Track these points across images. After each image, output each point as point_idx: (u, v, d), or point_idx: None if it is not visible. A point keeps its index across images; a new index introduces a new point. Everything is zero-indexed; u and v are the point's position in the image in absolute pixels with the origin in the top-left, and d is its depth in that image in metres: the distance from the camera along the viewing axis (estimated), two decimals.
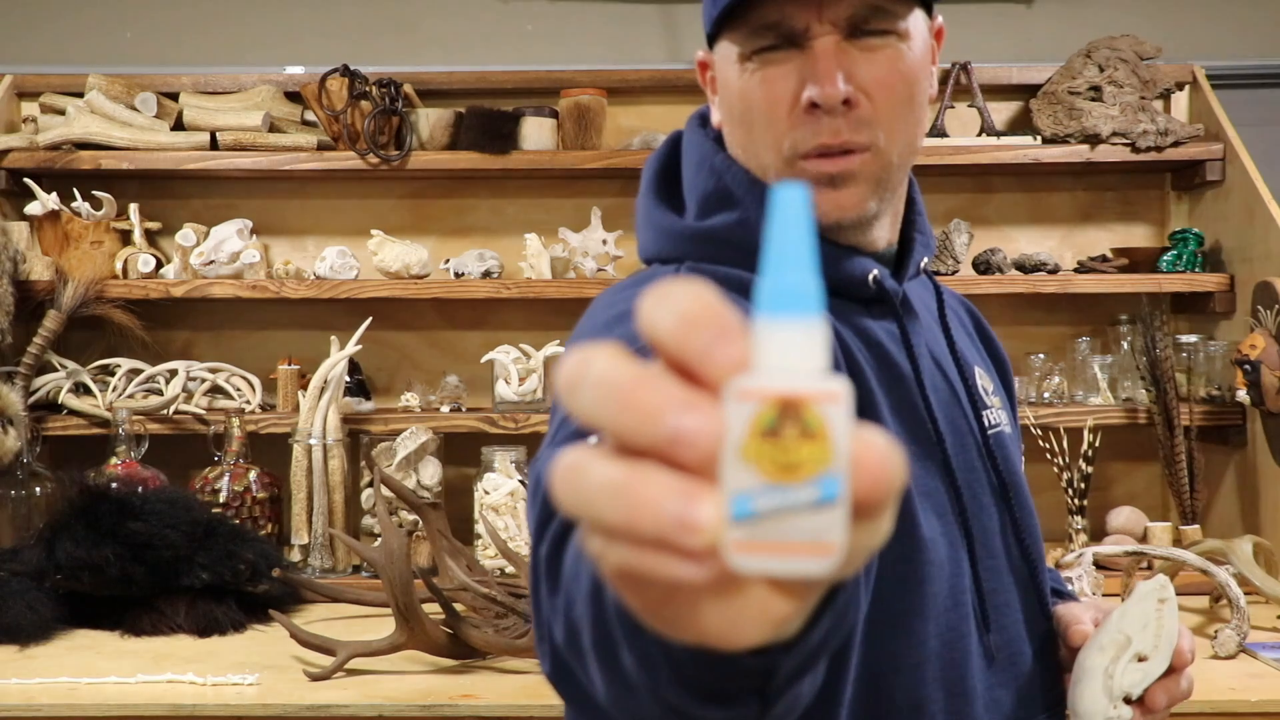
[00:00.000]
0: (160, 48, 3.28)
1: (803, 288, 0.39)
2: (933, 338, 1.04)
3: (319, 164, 2.39)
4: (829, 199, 0.95)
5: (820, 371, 0.38)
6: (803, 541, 0.38)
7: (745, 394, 0.38)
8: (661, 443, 0.38)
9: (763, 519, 0.37)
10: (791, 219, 0.39)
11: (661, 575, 0.38)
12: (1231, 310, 2.39)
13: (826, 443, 0.37)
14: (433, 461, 2.30)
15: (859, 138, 0.93)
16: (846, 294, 0.99)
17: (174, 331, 2.53)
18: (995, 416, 1.05)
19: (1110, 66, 2.47)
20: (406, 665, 1.74)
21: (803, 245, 0.39)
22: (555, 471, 0.40)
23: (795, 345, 0.38)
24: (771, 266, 0.39)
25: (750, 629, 0.42)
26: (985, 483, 1.01)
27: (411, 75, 2.46)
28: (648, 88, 2.55)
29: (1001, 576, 1.00)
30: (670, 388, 0.38)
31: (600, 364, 0.39)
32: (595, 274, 2.42)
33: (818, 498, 0.38)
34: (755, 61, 0.95)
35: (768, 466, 0.37)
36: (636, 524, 0.38)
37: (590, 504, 0.38)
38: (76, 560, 1.88)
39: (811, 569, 0.38)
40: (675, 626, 0.42)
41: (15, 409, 2.20)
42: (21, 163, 2.39)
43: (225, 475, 2.22)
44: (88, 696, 1.64)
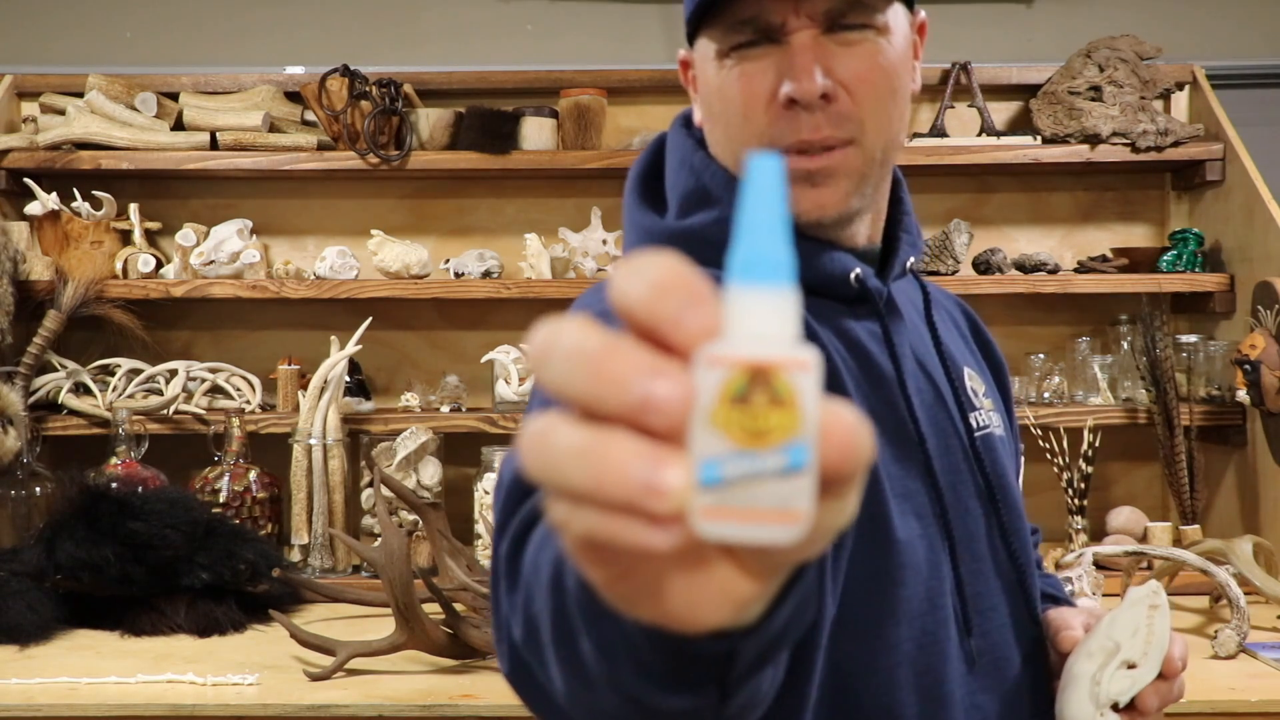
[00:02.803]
0: (160, 48, 3.28)
1: (774, 256, 0.39)
2: (918, 338, 1.02)
3: (319, 164, 2.39)
4: (809, 197, 0.94)
5: (791, 340, 0.38)
6: (770, 509, 0.38)
7: (715, 361, 0.38)
8: (631, 408, 0.38)
9: (731, 485, 0.37)
10: (764, 188, 0.39)
11: (627, 542, 0.38)
12: (1231, 310, 2.39)
13: (795, 410, 0.38)
14: (433, 461, 2.30)
15: (839, 133, 0.92)
16: (827, 293, 0.98)
17: (174, 331, 2.53)
18: (984, 418, 1.04)
19: (1110, 66, 2.47)
20: (406, 665, 1.74)
21: (775, 214, 0.39)
22: (523, 437, 0.39)
23: (766, 313, 0.38)
24: (744, 235, 0.39)
25: (712, 608, 0.41)
26: (971, 485, 1.00)
27: (411, 75, 2.46)
28: (648, 88, 2.55)
29: (986, 580, 0.99)
30: (641, 354, 0.38)
31: (570, 333, 0.39)
32: (595, 274, 2.41)
33: (786, 465, 0.38)
34: (733, 58, 0.94)
35: (736, 433, 0.37)
36: (604, 487, 0.37)
37: (557, 468, 0.38)
38: (76, 560, 1.88)
39: (778, 536, 0.38)
40: (636, 603, 0.42)
41: (15, 409, 2.20)
42: (21, 163, 2.39)
43: (225, 475, 2.22)
44: (88, 696, 1.64)
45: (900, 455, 0.95)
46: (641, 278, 0.39)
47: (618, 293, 0.39)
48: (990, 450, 1.02)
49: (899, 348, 0.98)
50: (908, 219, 1.05)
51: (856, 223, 0.98)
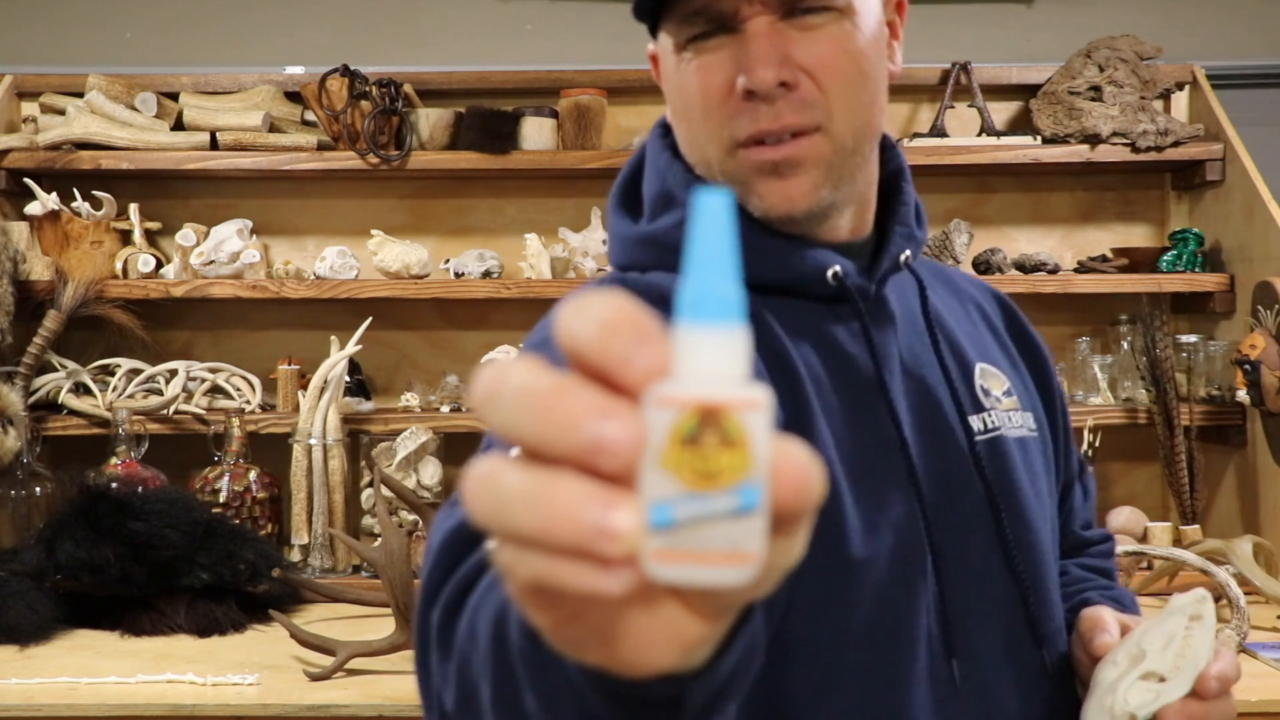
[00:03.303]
0: (160, 48, 3.28)
1: (724, 295, 0.38)
2: (915, 337, 0.97)
3: (319, 164, 2.39)
4: (776, 190, 0.89)
5: (741, 379, 0.38)
6: (721, 550, 0.37)
7: (665, 401, 0.37)
8: (581, 450, 0.36)
9: (682, 527, 0.37)
10: (713, 225, 0.38)
11: (576, 587, 0.37)
12: (1231, 310, 2.39)
13: (746, 451, 0.37)
14: (433, 461, 2.30)
15: (801, 120, 0.88)
16: (804, 292, 0.93)
17: (174, 331, 2.53)
18: (996, 419, 0.97)
19: (1110, 66, 2.47)
20: (406, 665, 1.74)
21: (724, 252, 0.38)
22: (468, 480, 0.38)
23: (716, 352, 0.38)
24: (693, 273, 0.38)
25: (660, 650, 0.40)
26: (969, 493, 0.93)
27: (411, 75, 2.46)
28: (648, 88, 2.55)
29: (979, 598, 0.92)
30: (590, 395, 0.37)
31: (518, 375, 0.37)
32: (595, 274, 2.42)
33: (737, 506, 0.37)
34: (690, 50, 0.90)
35: (687, 474, 0.37)
36: (552, 531, 0.36)
37: (504, 511, 0.37)
38: (76, 560, 1.88)
39: (730, 578, 0.37)
40: (584, 647, 0.41)
41: (15, 409, 2.20)
42: (21, 163, 2.39)
43: (225, 475, 2.22)
44: (88, 696, 1.64)
45: (879, 464, 0.90)
46: (588, 316, 0.38)
47: (564, 332, 0.38)
48: (998, 455, 0.95)
49: (882, 348, 0.93)
50: (904, 210, 0.99)
51: (835, 215, 0.93)
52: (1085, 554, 1.13)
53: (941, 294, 1.04)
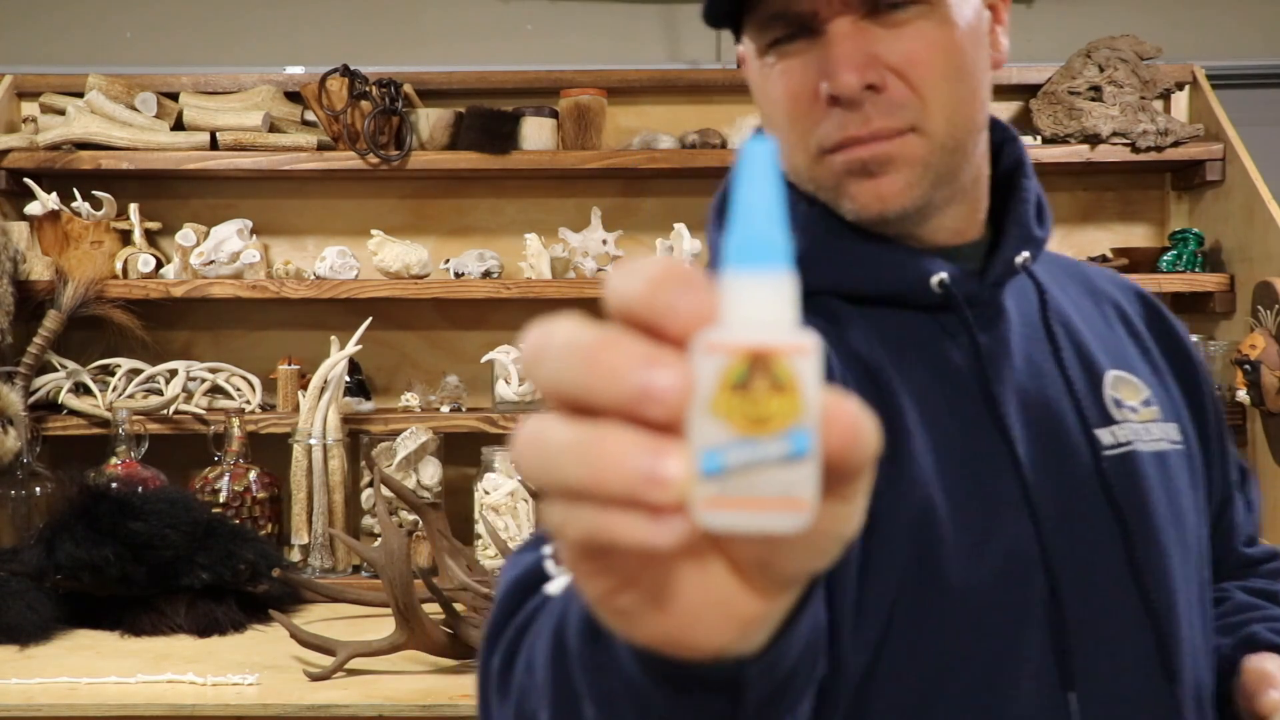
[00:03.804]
0: (160, 48, 3.28)
1: (769, 240, 0.38)
2: (1034, 345, 0.89)
3: (319, 164, 2.39)
4: (867, 189, 0.84)
5: (790, 324, 0.37)
6: (773, 496, 0.37)
7: (714, 348, 0.37)
8: (629, 400, 0.36)
9: (733, 473, 0.36)
10: (757, 172, 0.38)
11: (628, 538, 0.37)
12: (1231, 310, 2.39)
13: (797, 396, 0.36)
14: (433, 461, 2.30)
15: (892, 122, 0.83)
16: (906, 301, 0.87)
17: (174, 331, 2.53)
18: (1130, 432, 0.89)
19: (1110, 66, 2.47)
20: (406, 665, 1.74)
21: (769, 198, 0.38)
22: (517, 439, 0.38)
23: (763, 298, 0.37)
24: (738, 219, 0.38)
25: (715, 626, 0.40)
26: (1093, 514, 0.86)
27: (411, 75, 2.46)
28: (648, 88, 2.55)
29: (1103, 627, 0.84)
30: (637, 345, 0.37)
31: (563, 330, 0.38)
32: (595, 274, 2.42)
33: (789, 451, 0.36)
34: (773, 55, 0.86)
35: (738, 420, 0.36)
36: (603, 481, 0.36)
37: (553, 465, 0.37)
38: (76, 560, 1.88)
39: (782, 524, 0.37)
40: (637, 617, 0.40)
41: (15, 409, 2.20)
42: (21, 163, 2.39)
43: (225, 475, 2.22)
44: (88, 696, 1.64)
45: (987, 484, 0.84)
46: (634, 274, 0.38)
47: (611, 291, 0.38)
48: (1129, 471, 0.88)
49: (993, 360, 0.86)
50: (1022, 208, 0.91)
51: (937, 216, 0.88)
52: (1251, 574, 1.05)
53: (1073, 295, 0.97)
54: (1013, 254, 0.89)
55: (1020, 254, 0.90)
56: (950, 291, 0.87)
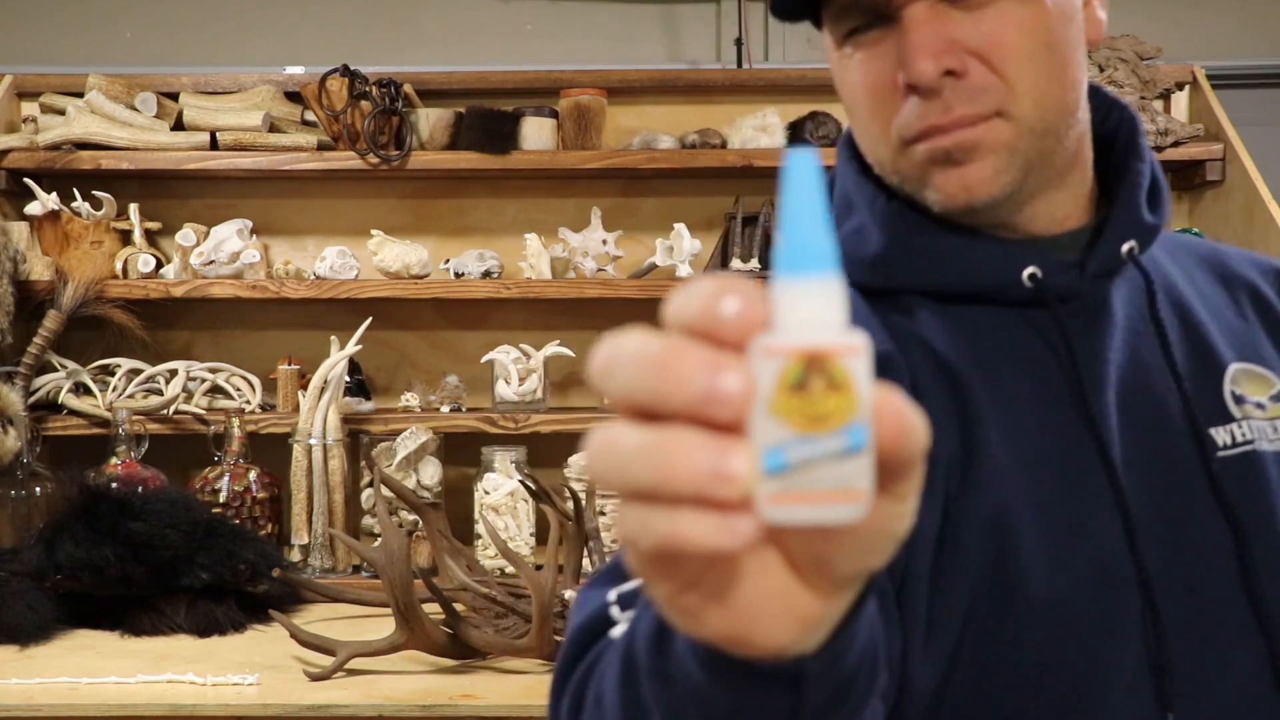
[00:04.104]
0: (160, 48, 3.28)
1: (817, 247, 0.40)
2: (1143, 340, 0.84)
3: (319, 164, 2.39)
4: (953, 178, 0.81)
5: (841, 326, 0.40)
6: (833, 489, 0.39)
7: (771, 351, 0.39)
8: (695, 402, 0.38)
9: (794, 469, 0.39)
10: (803, 182, 0.40)
11: (698, 539, 0.38)
12: None
13: (852, 393, 0.39)
14: (433, 461, 2.30)
15: (975, 109, 0.79)
16: (996, 297, 0.83)
17: (174, 331, 2.53)
18: (1250, 430, 0.83)
19: (1110, 66, 2.47)
20: (406, 665, 1.74)
21: (815, 207, 0.40)
22: (589, 446, 0.40)
23: (814, 302, 0.40)
24: (787, 229, 0.40)
25: (776, 623, 0.42)
26: (1203, 519, 0.80)
27: (411, 75, 2.46)
28: (648, 88, 2.55)
29: (1210, 640, 0.78)
30: (700, 351, 0.39)
31: (633, 342, 0.40)
32: (595, 274, 2.42)
33: (846, 446, 0.39)
34: (850, 45, 0.83)
35: (797, 419, 0.39)
36: (671, 480, 0.38)
37: (624, 468, 0.39)
38: (76, 560, 1.88)
39: (843, 515, 0.39)
40: (703, 615, 0.42)
41: (15, 409, 2.20)
42: (21, 163, 2.39)
43: (225, 475, 2.22)
44: (88, 696, 1.64)
45: (1077, 490, 0.79)
46: (691, 293, 0.40)
47: (671, 312, 0.40)
48: (1248, 472, 0.81)
49: (1090, 358, 0.82)
50: (1132, 193, 0.85)
51: (1030, 205, 0.84)
52: None
53: (1200, 282, 0.91)
54: (1117, 243, 0.84)
55: (1126, 243, 0.84)
56: (1043, 286, 0.82)
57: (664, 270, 2.41)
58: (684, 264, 2.37)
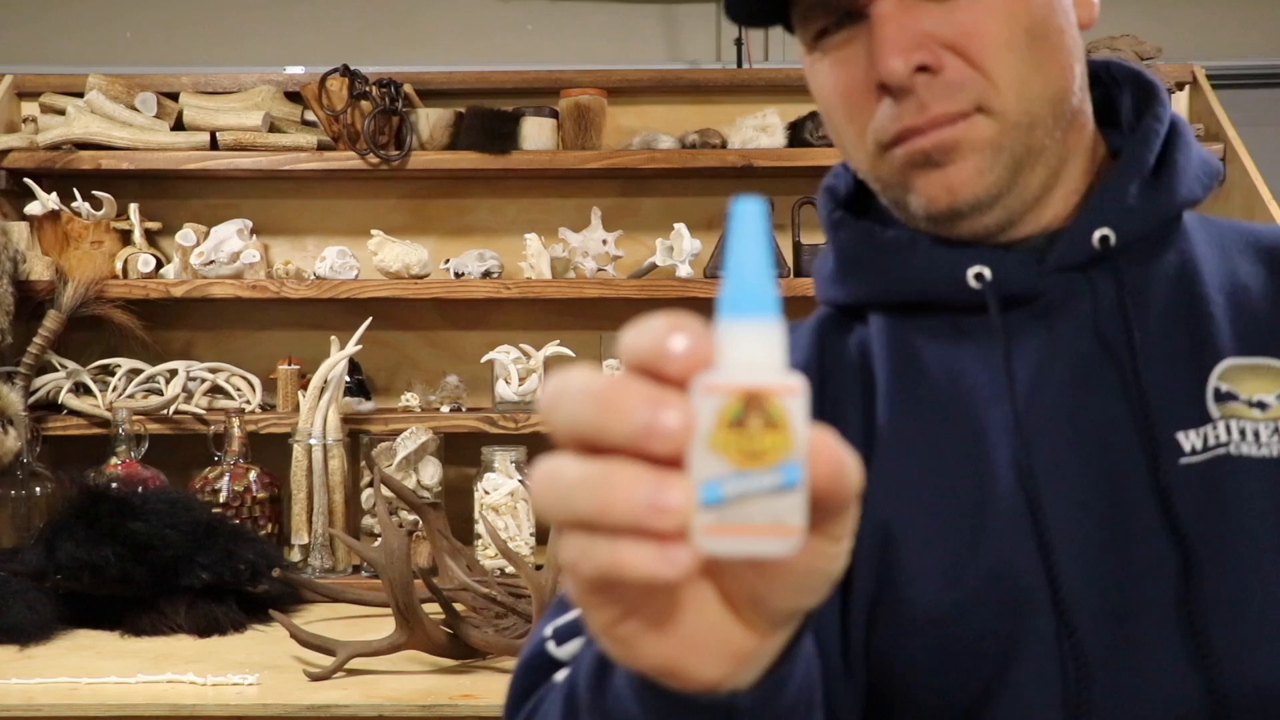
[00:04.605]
0: (160, 48, 3.28)
1: (760, 291, 0.41)
2: (1111, 341, 0.75)
3: (319, 164, 2.39)
4: (934, 181, 0.75)
5: (780, 367, 0.41)
6: (767, 524, 0.40)
7: (712, 388, 0.40)
8: (636, 435, 0.39)
9: (730, 503, 0.40)
10: (748, 228, 0.42)
11: (635, 567, 0.39)
12: None
13: (788, 432, 0.40)
14: (433, 461, 2.30)
15: (953, 106, 0.73)
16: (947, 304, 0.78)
17: (174, 331, 2.53)
18: (1224, 432, 0.72)
19: None
20: (406, 665, 1.74)
21: (759, 253, 0.42)
22: (534, 476, 0.41)
23: (755, 344, 0.41)
24: (730, 273, 0.42)
25: (711, 657, 0.43)
26: (1148, 538, 0.71)
27: (411, 75, 2.46)
28: (648, 88, 2.55)
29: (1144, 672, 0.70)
30: (643, 387, 0.40)
31: (578, 377, 0.41)
32: (595, 274, 2.42)
33: (780, 482, 0.40)
34: (819, 49, 0.78)
35: (734, 454, 0.40)
36: (611, 511, 0.39)
37: (566, 499, 0.40)
38: (76, 560, 1.88)
39: (775, 548, 0.40)
40: (638, 646, 0.43)
41: (15, 409, 2.20)
42: (21, 163, 2.39)
43: (225, 475, 2.22)
44: (88, 696, 1.64)
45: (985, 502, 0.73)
46: (642, 329, 0.41)
47: (623, 345, 0.41)
48: (1213, 483, 0.71)
49: (1028, 364, 0.75)
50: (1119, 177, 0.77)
51: (1025, 205, 0.77)
52: None
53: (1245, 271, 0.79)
54: (1086, 232, 0.76)
55: (1099, 231, 0.76)
56: (993, 287, 0.76)
57: (664, 270, 2.41)
58: (684, 264, 2.37)
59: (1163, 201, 0.78)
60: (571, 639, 0.72)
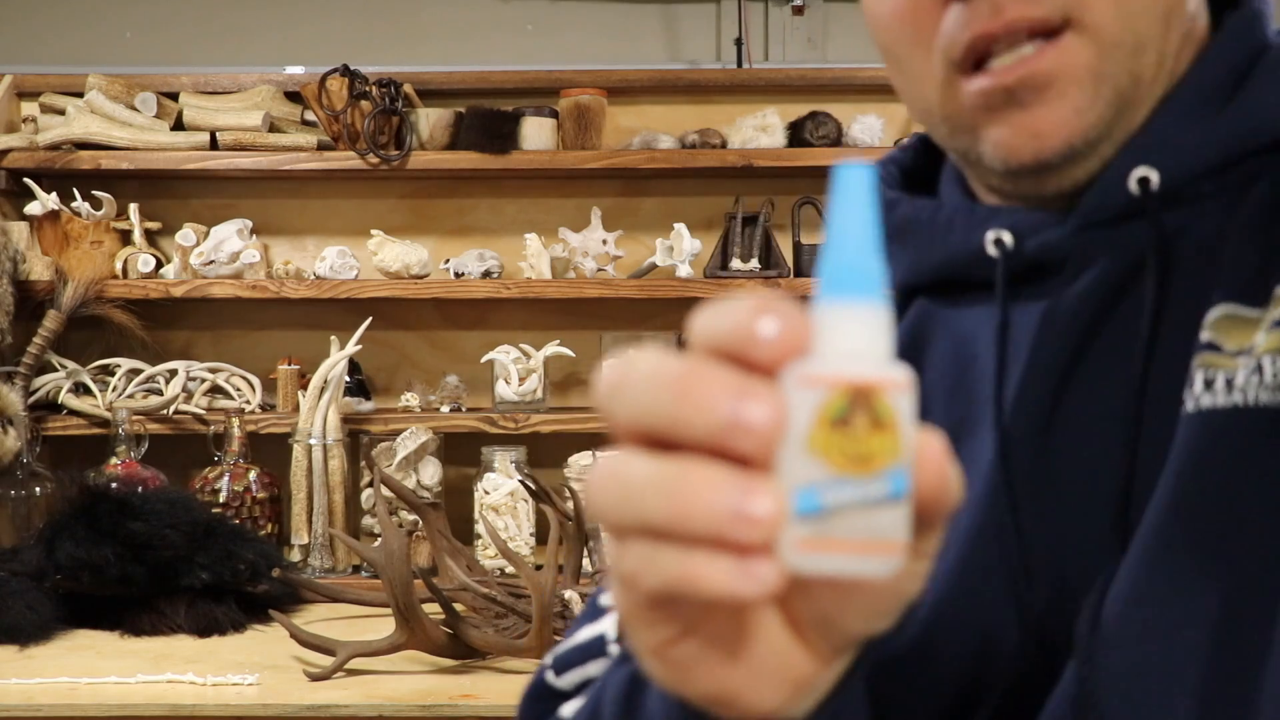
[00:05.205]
0: (160, 48, 3.28)
1: (865, 269, 0.37)
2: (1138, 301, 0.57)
3: (319, 164, 2.39)
4: (1018, 126, 0.57)
5: (887, 358, 0.36)
6: (868, 539, 0.35)
7: (812, 380, 0.35)
8: (718, 431, 0.34)
9: (830, 514, 0.35)
10: (852, 196, 0.37)
11: (712, 586, 0.34)
12: None
13: (896, 434, 0.35)
14: (433, 461, 2.30)
15: (1037, 11, 0.55)
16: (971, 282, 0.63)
17: (174, 331, 2.53)
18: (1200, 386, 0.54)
19: None
20: (406, 665, 1.74)
21: (865, 224, 0.37)
22: (593, 474, 0.36)
23: (859, 329, 0.36)
24: (832, 248, 0.37)
25: (769, 684, 0.38)
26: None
27: (411, 75, 2.46)
28: (648, 88, 2.55)
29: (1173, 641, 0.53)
30: (726, 374, 0.35)
31: (647, 360, 0.36)
32: (595, 274, 2.42)
33: (887, 491, 0.35)
34: None
35: (836, 457, 0.35)
36: (688, 517, 0.34)
37: (634, 501, 0.35)
38: (76, 560, 1.88)
39: (878, 568, 0.36)
40: (691, 671, 0.38)
41: (15, 409, 2.20)
42: (21, 163, 2.39)
43: (225, 475, 2.22)
44: (88, 696, 1.64)
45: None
46: (721, 309, 0.36)
47: (698, 329, 0.36)
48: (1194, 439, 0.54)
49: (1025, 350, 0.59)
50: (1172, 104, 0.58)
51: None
52: None
53: None
54: (1122, 174, 0.57)
55: (1137, 171, 0.57)
56: (1012, 257, 0.60)
57: (664, 270, 2.41)
58: (684, 264, 2.37)
59: (1234, 130, 0.57)
60: (571, 669, 0.68)
